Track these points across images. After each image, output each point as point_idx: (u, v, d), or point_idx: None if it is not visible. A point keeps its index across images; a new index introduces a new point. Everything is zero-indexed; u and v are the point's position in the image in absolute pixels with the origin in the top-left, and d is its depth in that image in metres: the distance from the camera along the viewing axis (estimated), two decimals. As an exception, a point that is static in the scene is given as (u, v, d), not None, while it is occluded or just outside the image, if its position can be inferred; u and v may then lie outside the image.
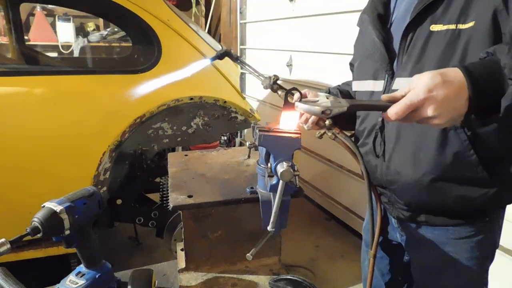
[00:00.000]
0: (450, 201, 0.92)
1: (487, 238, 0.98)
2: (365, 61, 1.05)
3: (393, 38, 0.96)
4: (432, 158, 0.88)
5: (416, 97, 0.64)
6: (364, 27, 1.06)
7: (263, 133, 0.74)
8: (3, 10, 2.32)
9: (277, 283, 0.97)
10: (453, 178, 0.89)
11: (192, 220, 1.01)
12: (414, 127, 0.87)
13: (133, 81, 1.91)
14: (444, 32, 0.82)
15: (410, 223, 1.03)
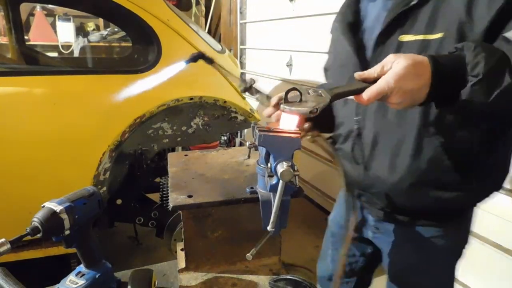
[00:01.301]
0: (427, 203, 0.96)
1: (461, 235, 1.07)
2: (338, 69, 1.08)
3: (366, 46, 0.99)
4: (409, 164, 0.92)
5: (387, 85, 0.68)
6: (336, 35, 1.09)
7: (263, 133, 0.74)
8: (3, 10, 2.31)
9: (277, 283, 0.97)
10: (429, 182, 0.93)
11: (192, 220, 1.01)
12: (391, 134, 0.93)
13: (133, 81, 1.91)
14: (413, 42, 0.86)
15: (388, 222, 1.07)
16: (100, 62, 3.81)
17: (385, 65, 0.69)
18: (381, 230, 1.11)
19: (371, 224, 1.12)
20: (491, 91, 0.68)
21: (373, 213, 1.09)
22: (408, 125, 0.90)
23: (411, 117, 0.89)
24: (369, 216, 1.12)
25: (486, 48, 0.70)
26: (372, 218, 1.11)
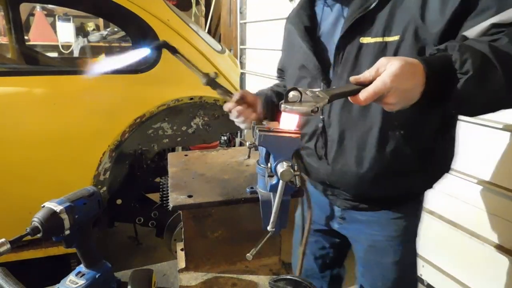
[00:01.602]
0: (391, 190, 1.06)
1: (417, 215, 1.21)
2: (297, 72, 1.11)
3: (325, 49, 1.04)
4: (374, 156, 0.99)
5: (384, 85, 0.69)
6: (292, 38, 1.14)
7: (263, 133, 0.74)
8: (3, 10, 2.31)
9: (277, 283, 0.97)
10: (393, 170, 1.01)
11: (192, 220, 1.01)
12: (356, 129, 0.99)
13: (133, 81, 1.91)
14: (373, 44, 0.92)
15: (354, 210, 1.15)
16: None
17: (379, 67, 0.71)
18: (347, 220, 1.19)
19: (337, 215, 1.20)
20: (482, 85, 0.72)
21: (338, 204, 1.17)
22: (372, 120, 0.96)
23: (375, 112, 0.96)
24: (335, 208, 1.20)
25: (468, 46, 0.73)
26: (338, 209, 1.19)
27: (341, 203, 1.16)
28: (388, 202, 1.11)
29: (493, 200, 1.89)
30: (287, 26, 1.19)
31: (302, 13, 1.11)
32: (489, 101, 0.78)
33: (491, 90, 0.74)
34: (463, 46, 0.73)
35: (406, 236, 1.16)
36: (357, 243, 1.21)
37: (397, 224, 1.12)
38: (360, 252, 1.20)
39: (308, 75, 1.07)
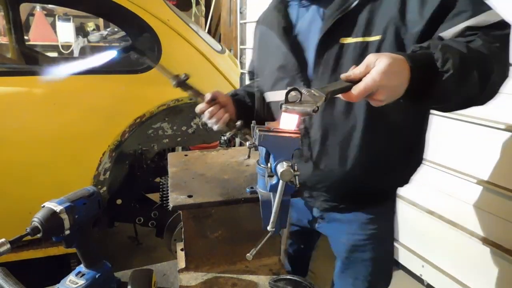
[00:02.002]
0: (373, 188, 1.08)
1: (394, 211, 1.21)
2: (275, 72, 1.11)
3: (302, 48, 1.04)
4: (357, 155, 1.01)
5: (373, 81, 0.70)
6: (267, 39, 1.13)
7: (263, 133, 0.74)
8: (3, 10, 2.31)
9: (277, 283, 0.97)
10: (376, 168, 1.03)
11: (192, 220, 1.01)
12: (339, 128, 1.00)
13: (133, 81, 1.91)
14: (354, 44, 0.93)
15: (333, 211, 1.16)
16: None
17: (368, 64, 0.72)
18: (326, 219, 1.20)
19: (316, 216, 1.21)
20: (461, 83, 0.76)
21: (317, 206, 1.17)
22: (355, 119, 0.98)
23: (357, 110, 0.97)
24: (313, 209, 1.20)
25: (449, 46, 0.77)
26: (316, 210, 1.20)
27: (320, 204, 1.16)
28: (368, 200, 1.12)
29: (493, 200, 1.89)
30: (260, 27, 1.19)
31: (276, 14, 1.11)
32: (466, 98, 0.84)
33: (468, 88, 0.79)
34: (444, 46, 0.77)
35: (385, 232, 1.19)
36: (338, 243, 1.22)
37: (376, 222, 1.15)
38: (342, 252, 1.21)
39: (287, 75, 1.07)
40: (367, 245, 1.16)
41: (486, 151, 1.90)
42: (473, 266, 2.04)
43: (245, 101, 1.23)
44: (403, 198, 2.41)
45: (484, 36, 0.81)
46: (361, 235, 1.15)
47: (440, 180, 2.15)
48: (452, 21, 0.84)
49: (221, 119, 1.09)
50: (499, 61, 0.82)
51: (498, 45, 0.82)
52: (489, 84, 0.81)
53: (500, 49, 0.82)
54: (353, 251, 1.18)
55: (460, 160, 2.03)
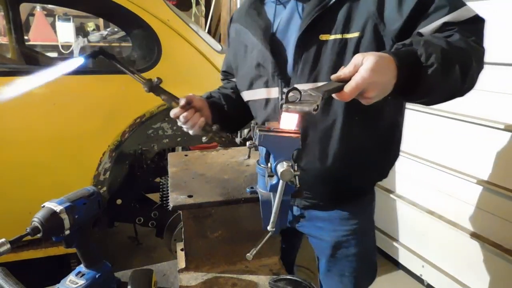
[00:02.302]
0: (354, 183, 1.10)
1: (373, 204, 1.23)
2: (253, 71, 1.10)
3: (281, 46, 1.04)
4: (337, 151, 1.02)
5: (363, 80, 0.72)
6: (243, 38, 1.13)
7: (263, 133, 0.74)
8: (3, 10, 2.31)
9: (277, 283, 0.97)
10: (356, 163, 1.05)
11: (192, 220, 1.01)
12: (319, 125, 1.01)
13: (133, 81, 1.91)
14: (333, 41, 0.95)
15: (314, 209, 1.16)
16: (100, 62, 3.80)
17: (356, 63, 0.74)
18: (306, 218, 1.20)
19: (296, 215, 1.21)
20: (444, 77, 0.79)
21: (297, 204, 1.17)
22: (335, 115, 0.99)
23: (336, 107, 0.98)
24: (293, 208, 1.20)
25: (431, 42, 0.80)
26: (296, 208, 1.20)
27: (299, 202, 1.16)
28: (348, 197, 1.13)
29: (493, 200, 1.89)
30: (235, 26, 1.18)
31: (253, 12, 1.11)
32: (449, 91, 0.86)
33: (451, 81, 0.82)
34: (426, 42, 0.79)
35: (366, 226, 1.21)
36: (320, 241, 1.22)
37: (357, 217, 1.16)
38: (325, 250, 1.21)
39: (265, 73, 1.07)
40: (350, 240, 1.16)
41: (486, 151, 1.90)
42: (473, 266, 2.04)
43: (221, 103, 1.23)
44: (403, 198, 2.41)
45: (461, 31, 0.85)
46: (343, 231, 1.16)
47: (440, 180, 2.15)
48: (430, 18, 0.87)
49: (196, 124, 1.08)
50: (476, 54, 0.85)
51: (474, 39, 0.85)
52: (469, 77, 0.84)
53: (476, 42, 0.86)
54: (336, 248, 1.18)
55: (460, 160, 2.03)
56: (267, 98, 1.09)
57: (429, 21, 0.87)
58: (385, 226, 2.61)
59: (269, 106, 1.10)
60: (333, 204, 1.15)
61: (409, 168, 2.34)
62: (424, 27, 0.88)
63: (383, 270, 2.49)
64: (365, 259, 1.22)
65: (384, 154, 1.12)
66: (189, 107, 1.09)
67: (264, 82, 1.08)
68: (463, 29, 0.86)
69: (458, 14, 0.87)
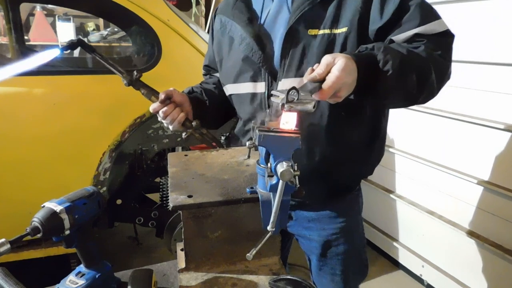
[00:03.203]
0: (341, 180, 1.11)
1: (360, 201, 1.23)
2: (238, 64, 1.09)
3: (268, 39, 1.04)
4: (325, 149, 1.03)
5: (338, 80, 0.76)
6: (230, 30, 1.11)
7: (263, 133, 0.74)
8: (3, 10, 2.31)
9: (277, 283, 0.97)
10: (343, 160, 1.06)
11: (192, 220, 1.01)
12: (305, 123, 1.00)
13: (133, 81, 1.91)
14: (321, 35, 0.96)
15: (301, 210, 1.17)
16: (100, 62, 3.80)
17: (328, 64, 0.78)
18: (294, 218, 1.20)
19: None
20: (399, 83, 0.85)
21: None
22: (321, 112, 1.00)
23: (323, 104, 0.99)
24: None
25: (391, 49, 0.85)
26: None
27: None
28: (334, 196, 1.14)
29: (493, 200, 1.89)
30: (221, 18, 1.16)
31: (240, 5, 1.10)
32: (405, 96, 0.91)
33: (407, 87, 0.87)
34: (387, 48, 0.85)
35: (355, 224, 1.21)
36: (310, 241, 1.21)
37: (345, 215, 1.16)
38: (315, 250, 1.21)
39: (251, 67, 1.06)
40: (339, 238, 1.17)
41: (486, 151, 1.90)
42: (473, 266, 2.04)
43: (202, 99, 1.21)
44: (403, 198, 2.41)
45: (428, 43, 0.90)
46: (332, 229, 1.16)
47: (440, 180, 2.15)
48: (402, 27, 0.92)
49: (175, 119, 1.07)
50: (438, 66, 0.90)
51: (440, 52, 0.91)
52: (428, 86, 0.90)
53: (441, 55, 0.91)
54: (326, 247, 1.18)
55: (460, 160, 2.03)
56: (253, 92, 1.09)
57: (401, 30, 0.92)
58: (385, 226, 2.61)
59: (255, 100, 1.09)
60: (320, 203, 1.15)
61: (409, 168, 2.34)
62: (396, 35, 0.93)
63: (383, 270, 2.49)
64: (355, 256, 1.22)
65: (370, 150, 1.13)
66: (168, 102, 1.07)
67: (251, 76, 1.07)
68: (431, 42, 0.91)
69: (429, 27, 0.92)
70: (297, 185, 0.73)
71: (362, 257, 1.26)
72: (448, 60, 0.94)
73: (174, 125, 1.09)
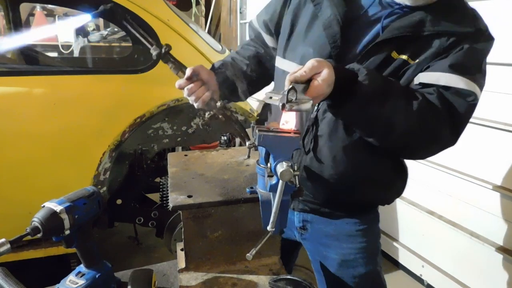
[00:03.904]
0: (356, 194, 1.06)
1: (378, 224, 1.19)
2: (308, 48, 1.00)
3: (351, 39, 0.97)
4: (352, 160, 1.00)
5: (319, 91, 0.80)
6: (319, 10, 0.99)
7: (263, 133, 0.74)
8: (3, 10, 2.31)
9: (277, 283, 0.97)
10: (368, 179, 1.03)
11: (192, 220, 1.01)
12: (340, 129, 0.99)
13: (133, 81, 1.91)
14: (399, 60, 0.92)
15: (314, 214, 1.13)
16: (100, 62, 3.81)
17: (312, 69, 0.79)
18: (309, 231, 1.16)
19: (297, 226, 1.17)
20: (363, 112, 0.86)
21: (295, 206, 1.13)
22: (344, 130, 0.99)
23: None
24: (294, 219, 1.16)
25: (376, 76, 0.87)
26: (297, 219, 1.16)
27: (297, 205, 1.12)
28: (350, 209, 1.10)
29: (493, 200, 1.89)
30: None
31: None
32: (367, 133, 0.92)
33: (369, 123, 0.89)
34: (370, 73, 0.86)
35: (374, 247, 1.16)
36: (325, 258, 1.16)
37: (364, 236, 1.12)
38: (330, 268, 1.16)
39: (317, 54, 0.97)
40: (358, 259, 1.11)
41: (486, 151, 1.90)
42: (473, 266, 2.04)
43: (230, 77, 1.12)
44: (403, 198, 2.41)
45: (433, 94, 0.88)
46: (351, 248, 1.11)
47: (440, 180, 2.15)
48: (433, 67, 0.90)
49: (200, 98, 1.03)
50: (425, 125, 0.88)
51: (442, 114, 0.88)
52: (398, 136, 0.89)
53: (442, 119, 0.88)
54: (343, 266, 1.13)
55: (460, 160, 2.03)
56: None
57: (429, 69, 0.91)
58: (385, 226, 2.61)
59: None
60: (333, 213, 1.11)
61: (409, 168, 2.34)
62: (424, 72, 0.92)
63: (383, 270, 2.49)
64: (373, 279, 1.15)
65: (397, 179, 1.10)
66: (195, 79, 1.03)
67: (300, 59, 1.01)
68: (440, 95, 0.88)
69: (452, 79, 0.88)
70: (297, 185, 0.73)
71: (380, 282, 1.20)
72: (451, 129, 0.90)
73: (198, 103, 1.04)
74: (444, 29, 0.90)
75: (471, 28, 0.90)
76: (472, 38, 0.90)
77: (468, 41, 0.89)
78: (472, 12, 0.95)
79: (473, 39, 0.90)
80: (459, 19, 0.91)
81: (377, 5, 0.97)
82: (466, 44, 0.89)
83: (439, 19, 0.90)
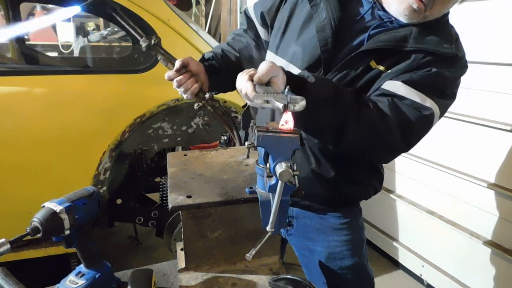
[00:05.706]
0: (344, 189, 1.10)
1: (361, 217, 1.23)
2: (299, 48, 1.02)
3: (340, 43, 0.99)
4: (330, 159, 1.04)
5: (280, 88, 0.83)
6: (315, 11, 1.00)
7: (262, 133, 0.74)
8: (3, 10, 2.31)
9: (277, 283, 0.97)
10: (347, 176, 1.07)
11: (192, 220, 1.01)
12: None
13: (133, 81, 1.91)
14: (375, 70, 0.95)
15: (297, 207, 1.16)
16: (100, 62, 3.81)
17: (272, 71, 0.82)
18: (295, 226, 1.19)
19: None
20: (312, 118, 0.87)
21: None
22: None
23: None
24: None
25: (326, 85, 0.89)
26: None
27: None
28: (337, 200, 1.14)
29: (493, 200, 1.89)
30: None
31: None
32: (319, 135, 0.95)
33: (320, 125, 0.91)
34: (321, 80, 0.89)
35: (359, 239, 1.19)
36: (312, 252, 1.18)
37: (349, 228, 1.15)
38: (318, 261, 1.17)
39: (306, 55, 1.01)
40: (344, 251, 1.14)
41: (486, 151, 1.90)
42: (473, 266, 2.04)
43: (219, 69, 1.14)
44: (403, 198, 2.41)
45: (395, 106, 0.90)
46: (337, 241, 1.14)
47: (440, 180, 2.15)
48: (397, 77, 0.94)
49: (189, 89, 1.05)
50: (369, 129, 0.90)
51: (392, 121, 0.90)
52: (347, 139, 0.91)
53: (391, 126, 0.90)
54: (330, 259, 1.15)
55: (460, 160, 2.03)
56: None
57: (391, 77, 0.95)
58: (385, 226, 2.61)
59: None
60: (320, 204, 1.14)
61: (409, 168, 2.34)
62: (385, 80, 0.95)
63: (383, 270, 2.50)
64: (360, 271, 1.18)
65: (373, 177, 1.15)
66: (184, 71, 1.05)
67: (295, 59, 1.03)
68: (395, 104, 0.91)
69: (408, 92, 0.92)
70: (296, 185, 0.73)
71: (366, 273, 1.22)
72: (401, 136, 0.92)
73: (187, 95, 1.07)
74: (425, 47, 0.92)
75: (451, 51, 0.92)
76: (448, 62, 0.92)
77: (441, 64, 0.92)
78: (456, 37, 0.98)
79: (448, 63, 0.93)
80: (442, 40, 0.93)
81: (369, 15, 1.00)
82: (437, 68, 0.91)
83: (423, 36, 0.93)
